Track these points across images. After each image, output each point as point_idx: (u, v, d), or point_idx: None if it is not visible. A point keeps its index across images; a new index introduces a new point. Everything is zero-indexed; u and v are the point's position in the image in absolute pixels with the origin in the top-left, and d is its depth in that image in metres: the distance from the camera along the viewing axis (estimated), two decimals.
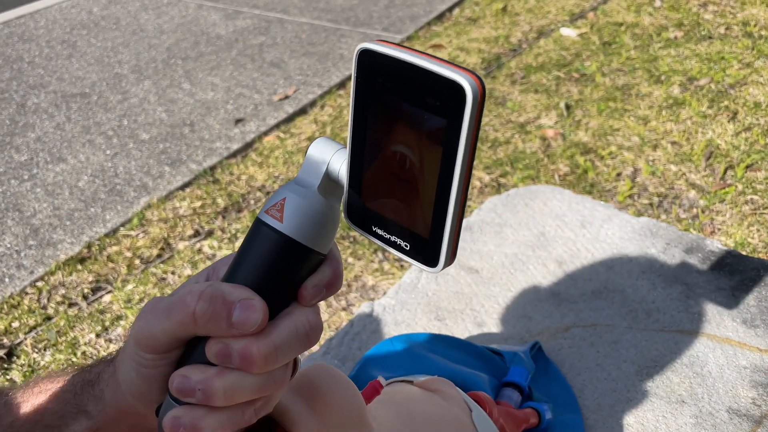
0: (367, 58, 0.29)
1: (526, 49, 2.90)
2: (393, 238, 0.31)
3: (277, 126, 2.34)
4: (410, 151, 0.29)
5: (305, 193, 0.31)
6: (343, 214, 0.33)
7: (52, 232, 1.80)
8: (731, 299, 0.87)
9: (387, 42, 0.29)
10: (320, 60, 2.82)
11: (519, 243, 0.97)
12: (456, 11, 3.34)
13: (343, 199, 0.32)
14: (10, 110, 2.45)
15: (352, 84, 0.30)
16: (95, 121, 2.35)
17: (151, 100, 2.48)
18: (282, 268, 0.31)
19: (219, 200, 1.93)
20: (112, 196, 1.94)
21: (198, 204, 1.91)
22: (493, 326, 0.84)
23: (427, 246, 0.30)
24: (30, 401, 0.40)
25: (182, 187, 1.98)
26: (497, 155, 2.15)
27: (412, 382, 0.55)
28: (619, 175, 2.04)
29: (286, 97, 2.52)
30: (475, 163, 2.12)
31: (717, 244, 0.96)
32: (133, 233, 1.79)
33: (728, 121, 2.24)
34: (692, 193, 1.93)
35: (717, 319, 0.84)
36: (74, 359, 1.43)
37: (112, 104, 2.46)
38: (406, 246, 0.31)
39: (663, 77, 2.57)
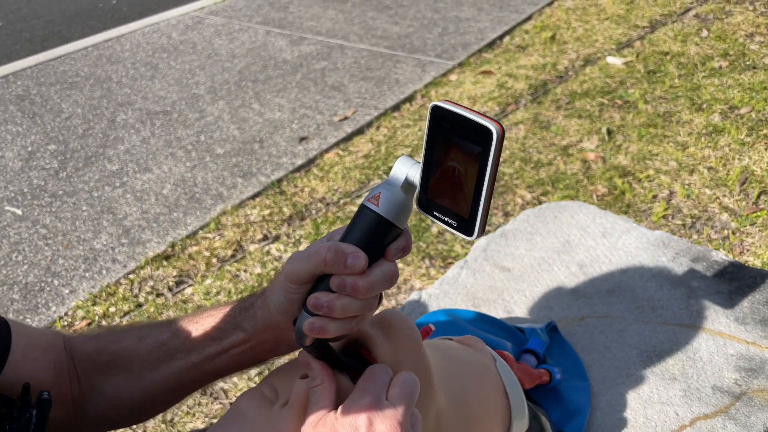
0: (436, 111, 0.47)
1: (572, 76, 3.05)
2: (446, 218, 0.50)
3: (336, 144, 2.56)
4: (459, 165, 0.47)
5: (393, 189, 0.51)
6: (415, 204, 0.52)
7: (141, 232, 2.06)
8: (728, 300, 1.02)
9: (449, 101, 0.47)
10: (377, 84, 3.05)
11: (547, 248, 1.14)
12: (506, 39, 3.52)
13: (416, 195, 0.51)
14: (102, 125, 2.76)
15: (426, 126, 0.49)
16: (176, 136, 2.64)
17: (225, 118, 2.75)
18: (376, 235, 0.50)
19: (285, 209, 2.16)
20: (192, 203, 2.20)
21: (267, 212, 2.14)
22: (520, 314, 1.01)
23: (467, 222, 0.48)
24: (201, 322, 0.61)
25: (253, 197, 2.22)
26: (539, 175, 2.30)
27: (452, 339, 0.73)
28: (655, 197, 2.17)
29: (346, 118, 2.75)
30: (517, 182, 2.27)
31: (721, 255, 1.11)
32: (210, 236, 2.03)
33: (766, 149, 2.34)
34: (725, 216, 2.05)
35: (713, 316, 0.99)
36: None
37: (190, 121, 2.75)
38: (454, 223, 0.49)
39: (705, 105, 2.68)
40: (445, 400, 0.62)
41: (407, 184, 0.51)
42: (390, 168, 2.39)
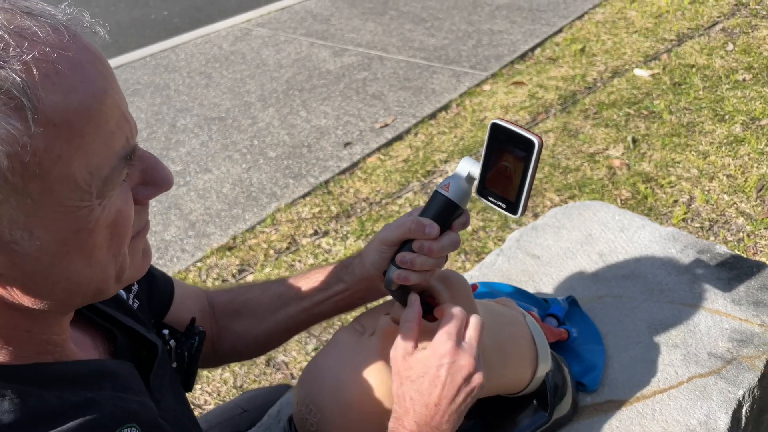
0: (495, 126, 0.67)
1: (601, 87, 3.22)
2: (497, 202, 0.70)
3: (378, 149, 2.78)
4: (509, 165, 0.67)
5: (459, 180, 0.71)
6: (474, 191, 0.72)
7: (205, 226, 2.29)
8: (726, 285, 1.19)
9: (504, 119, 0.67)
10: (415, 93, 3.26)
11: (571, 240, 1.33)
12: (537, 51, 3.69)
13: (475, 184, 0.71)
14: (164, 129, 3.02)
15: (486, 136, 0.68)
16: (231, 140, 2.88)
17: (275, 124, 2.99)
18: (446, 213, 0.70)
19: (332, 207, 2.38)
20: (249, 200, 2.43)
21: (316, 210, 2.36)
22: (547, 293, 1.20)
23: (513, 204, 0.68)
24: (310, 277, 0.82)
25: (303, 196, 2.44)
26: (567, 180, 2.48)
27: (490, 300, 0.92)
28: (675, 201, 2.33)
29: (386, 125, 2.96)
30: (546, 186, 2.45)
31: (724, 248, 1.28)
32: (267, 230, 2.25)
33: None
34: (741, 220, 2.20)
35: (713, 297, 1.17)
36: None
37: (244, 127, 2.99)
38: (504, 205, 0.69)
39: (727, 116, 2.82)
40: (487, 340, 0.82)
41: (469, 177, 0.71)
42: (428, 172, 2.59)
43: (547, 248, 1.32)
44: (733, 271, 1.23)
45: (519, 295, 1.07)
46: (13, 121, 0.39)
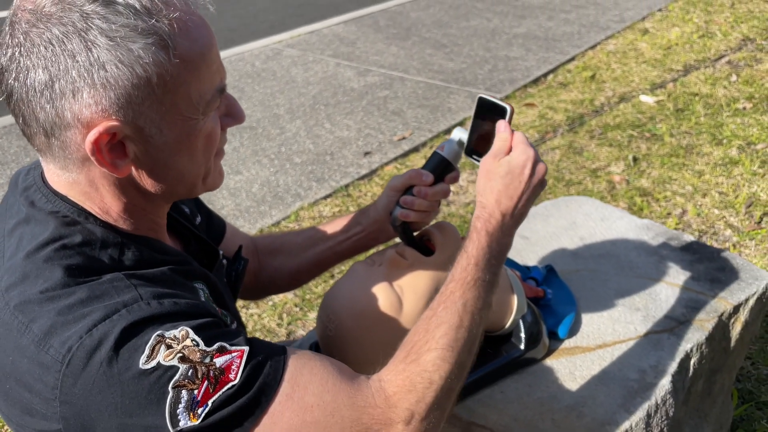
0: (480, 99, 0.88)
1: (607, 111, 3.42)
2: (479, 159, 0.90)
3: (395, 159, 3.00)
4: (489, 128, 0.88)
5: (452, 143, 0.91)
6: (464, 151, 0.93)
7: (235, 220, 2.52)
8: (688, 266, 1.38)
9: (488, 94, 0.89)
10: (432, 111, 3.49)
11: (557, 225, 1.52)
12: (550, 77, 3.92)
13: (465, 146, 0.92)
14: None
15: (474, 107, 0.89)
16: (261, 147, 3.12)
17: (302, 134, 3.23)
18: (441, 168, 0.91)
19: (351, 208, 2.59)
20: (275, 200, 2.66)
21: (336, 209, 2.58)
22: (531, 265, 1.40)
23: None
24: (334, 223, 1.02)
25: (325, 198, 2.66)
26: (569, 192, 2.67)
27: None
28: (669, 214, 2.50)
29: (404, 138, 3.19)
30: (549, 196, 2.64)
31: (690, 237, 1.47)
32: (290, 225, 2.47)
33: None
34: (728, 232, 2.37)
35: (675, 274, 1.35)
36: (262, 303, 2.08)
37: (272, 135, 3.24)
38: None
39: (725, 140, 3.00)
40: None
41: (460, 142, 0.92)
42: None
43: (536, 231, 1.52)
44: (696, 255, 1.41)
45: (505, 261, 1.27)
46: (162, 53, 0.61)
